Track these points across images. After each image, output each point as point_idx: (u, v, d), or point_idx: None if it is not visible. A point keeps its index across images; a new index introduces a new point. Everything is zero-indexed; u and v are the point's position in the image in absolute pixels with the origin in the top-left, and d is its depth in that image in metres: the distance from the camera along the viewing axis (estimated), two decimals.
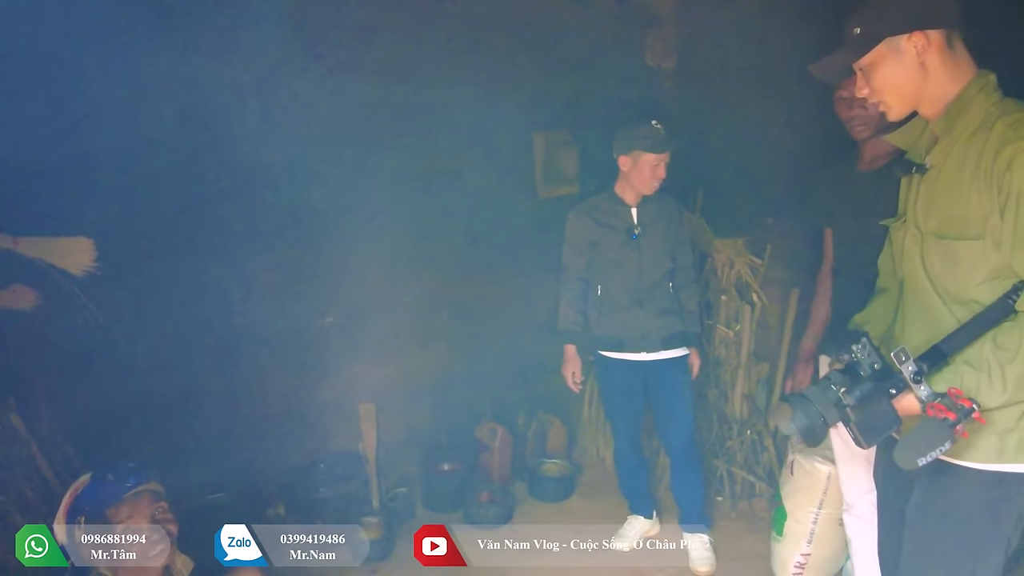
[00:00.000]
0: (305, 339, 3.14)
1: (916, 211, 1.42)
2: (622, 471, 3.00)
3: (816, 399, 1.31)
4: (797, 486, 2.48)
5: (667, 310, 2.70)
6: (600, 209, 2.75)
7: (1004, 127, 1.27)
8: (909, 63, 1.33)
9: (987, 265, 1.29)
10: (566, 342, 2.85)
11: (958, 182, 1.32)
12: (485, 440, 3.47)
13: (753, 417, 3.37)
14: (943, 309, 1.37)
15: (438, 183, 3.42)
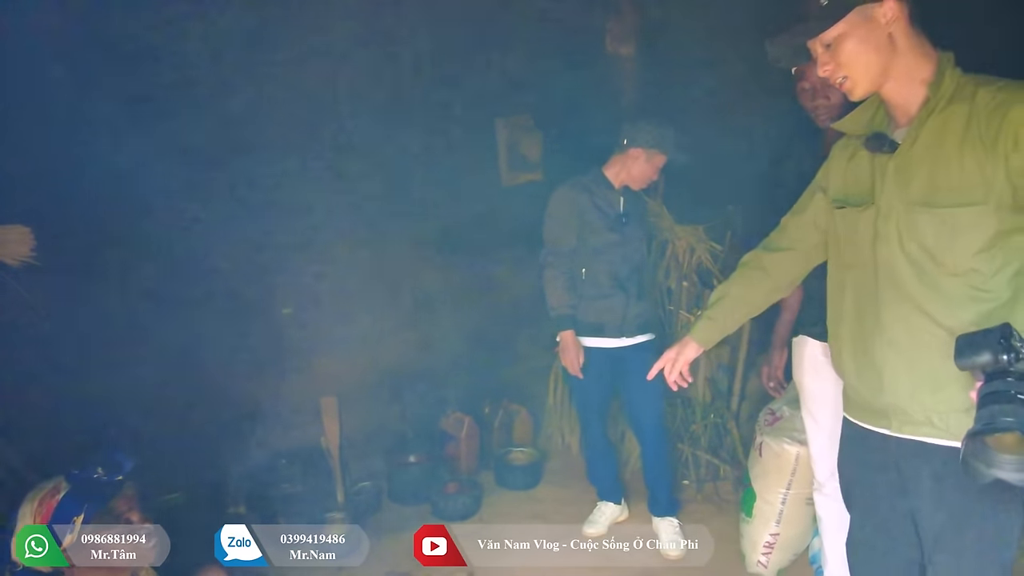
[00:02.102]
0: (263, 332, 3.02)
1: (887, 191, 1.38)
2: (592, 458, 3.00)
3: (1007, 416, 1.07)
4: (766, 468, 2.52)
5: (643, 295, 2.77)
6: (592, 190, 2.70)
7: (989, 93, 1.27)
8: (879, 34, 1.31)
9: (989, 230, 1.27)
10: (560, 328, 2.70)
11: (942, 151, 1.30)
12: (451, 431, 3.43)
13: (716, 401, 3.43)
14: (930, 289, 1.33)
15: (400, 172, 3.34)
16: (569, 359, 2.71)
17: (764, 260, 1.69)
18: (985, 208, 1.26)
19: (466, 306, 3.67)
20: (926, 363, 1.34)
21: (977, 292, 1.29)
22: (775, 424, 2.55)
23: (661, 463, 2.83)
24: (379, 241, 3.33)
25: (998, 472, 1.06)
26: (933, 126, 1.32)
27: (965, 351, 1.14)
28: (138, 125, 2.50)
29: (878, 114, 1.44)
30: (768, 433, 2.54)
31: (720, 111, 3.50)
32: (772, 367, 2.39)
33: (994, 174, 1.25)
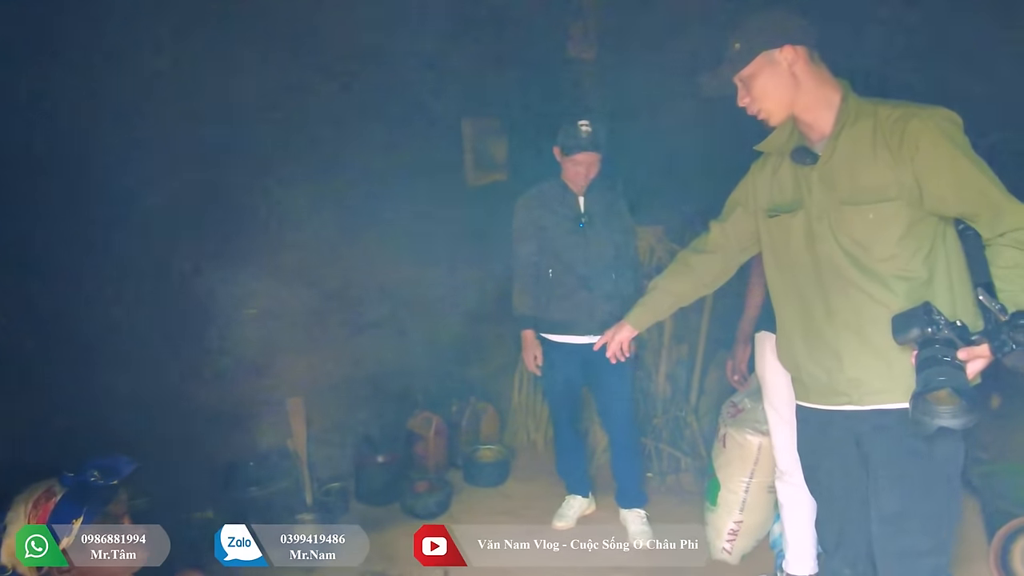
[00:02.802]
0: (228, 332, 2.96)
1: (815, 196, 1.60)
2: (561, 452, 3.06)
3: (940, 376, 1.33)
4: (729, 457, 2.63)
5: (611, 295, 2.78)
6: (547, 197, 2.79)
7: (888, 110, 1.52)
8: (782, 73, 1.55)
9: (903, 221, 1.50)
10: (523, 327, 2.88)
11: (858, 158, 1.54)
12: (419, 430, 3.44)
13: (676, 396, 3.54)
14: (867, 275, 1.53)
15: (365, 170, 3.33)
16: (527, 357, 2.89)
17: (691, 259, 1.94)
18: (899, 203, 1.50)
19: (432, 304, 3.68)
20: (876, 337, 1.53)
21: (902, 272, 1.51)
22: (738, 416, 2.67)
23: (630, 456, 2.92)
24: (346, 240, 3.31)
25: (940, 421, 1.32)
26: (847, 139, 1.56)
27: (898, 329, 1.42)
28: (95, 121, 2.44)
29: (793, 134, 1.66)
30: (731, 425, 2.65)
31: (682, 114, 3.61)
32: (736, 361, 2.51)
33: (902, 174, 1.49)
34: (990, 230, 1.45)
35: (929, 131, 1.46)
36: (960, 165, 1.45)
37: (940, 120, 1.48)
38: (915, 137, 1.47)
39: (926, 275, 1.51)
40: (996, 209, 1.43)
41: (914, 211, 1.50)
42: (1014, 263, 1.42)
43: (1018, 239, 1.41)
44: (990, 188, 1.44)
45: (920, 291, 1.50)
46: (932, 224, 1.52)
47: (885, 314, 1.49)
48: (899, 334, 1.42)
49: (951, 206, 1.48)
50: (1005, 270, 1.42)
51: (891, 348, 1.50)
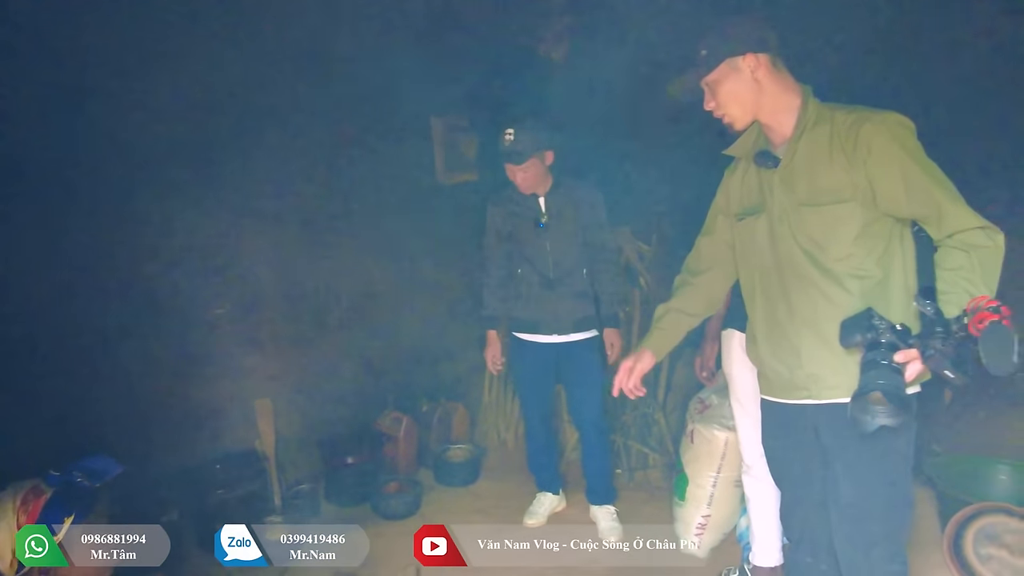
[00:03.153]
0: (196, 332, 2.92)
1: (776, 198, 1.65)
2: (532, 449, 3.08)
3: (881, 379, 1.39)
4: (697, 453, 2.68)
5: (580, 294, 2.79)
6: (511, 199, 2.81)
7: (844, 114, 1.57)
8: (746, 79, 1.61)
9: (858, 221, 1.55)
10: (487, 327, 2.93)
11: (816, 161, 1.59)
12: (388, 431, 3.43)
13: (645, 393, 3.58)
14: (823, 273, 1.59)
15: (334, 168, 3.31)
16: (487, 356, 2.96)
17: (692, 280, 1.92)
18: (854, 204, 1.55)
19: (402, 304, 3.67)
20: (832, 335, 1.57)
21: (857, 271, 1.57)
22: (705, 412, 2.72)
23: (600, 453, 2.95)
24: (315, 239, 3.28)
25: (879, 420, 1.39)
26: (806, 143, 1.62)
27: (843, 335, 1.50)
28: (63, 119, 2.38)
29: (759, 138, 1.72)
30: (699, 420, 2.70)
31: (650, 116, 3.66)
32: (704, 358, 2.55)
33: (856, 176, 1.55)
34: (938, 232, 1.50)
35: (881, 135, 1.51)
36: (909, 168, 1.50)
37: (892, 124, 1.53)
38: (868, 140, 1.52)
39: (880, 275, 1.56)
40: (943, 212, 1.48)
41: (869, 212, 1.55)
42: (958, 265, 1.46)
43: (964, 241, 1.46)
44: (938, 191, 1.48)
45: (875, 290, 1.55)
46: (887, 225, 1.57)
47: (840, 312, 1.54)
48: (843, 339, 1.49)
49: (902, 208, 1.53)
50: (950, 272, 1.46)
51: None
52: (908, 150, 1.51)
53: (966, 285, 1.43)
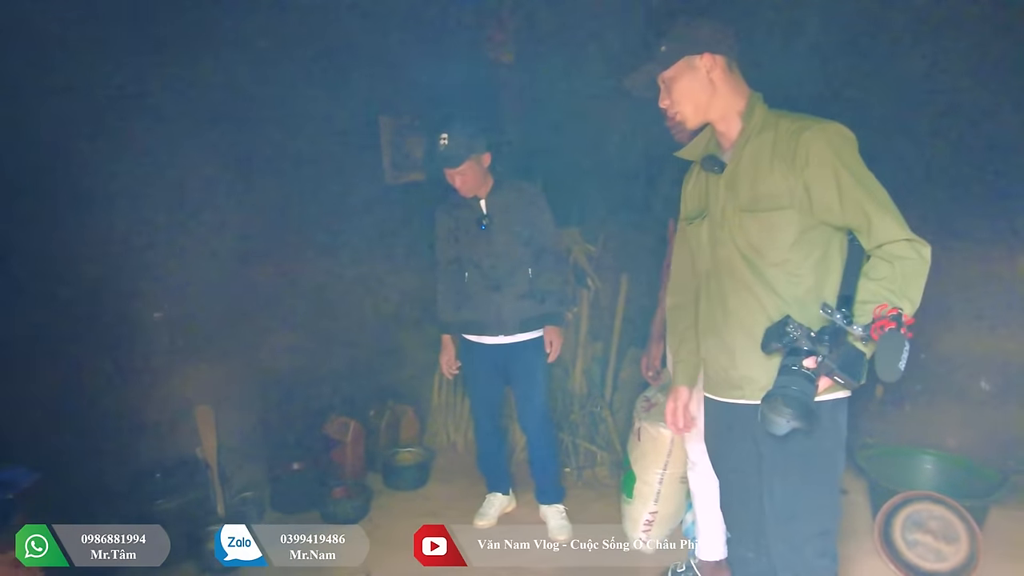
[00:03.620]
0: (132, 337, 2.81)
1: (720, 202, 1.69)
2: (482, 450, 3.09)
3: (793, 385, 1.46)
4: (644, 450, 2.74)
5: (524, 294, 2.80)
6: (454, 202, 2.81)
7: (789, 122, 1.61)
8: (701, 79, 1.64)
9: (795, 228, 1.59)
10: (441, 331, 2.94)
11: (759, 168, 1.63)
12: (335, 435, 3.38)
13: (592, 392, 3.64)
14: (757, 279, 1.64)
15: (279, 167, 3.23)
16: (442, 360, 2.97)
17: (682, 299, 1.93)
18: (791, 211, 1.59)
19: (349, 306, 3.62)
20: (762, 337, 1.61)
21: (791, 277, 1.61)
22: (651, 410, 2.78)
23: (547, 453, 2.98)
24: (258, 239, 3.20)
25: (789, 421, 1.46)
26: (751, 149, 1.65)
27: (764, 340, 1.56)
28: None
29: (711, 142, 1.77)
30: (645, 419, 2.76)
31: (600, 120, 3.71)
32: (650, 357, 2.60)
33: (795, 184, 1.59)
34: (868, 242, 1.55)
35: (819, 144, 1.55)
36: (843, 178, 1.53)
37: (831, 134, 1.56)
38: (806, 149, 1.56)
39: (813, 281, 1.60)
40: (873, 223, 1.52)
41: (805, 219, 1.59)
42: (882, 276, 1.50)
43: (891, 252, 1.50)
44: (869, 203, 1.52)
45: (808, 296, 1.59)
46: (825, 233, 1.61)
47: (772, 317, 1.60)
48: (764, 346, 1.55)
49: (836, 216, 1.57)
50: (874, 282, 1.51)
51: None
52: (844, 160, 1.54)
53: (887, 295, 1.48)
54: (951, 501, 2.50)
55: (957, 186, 3.03)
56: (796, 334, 1.49)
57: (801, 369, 1.46)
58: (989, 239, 3.02)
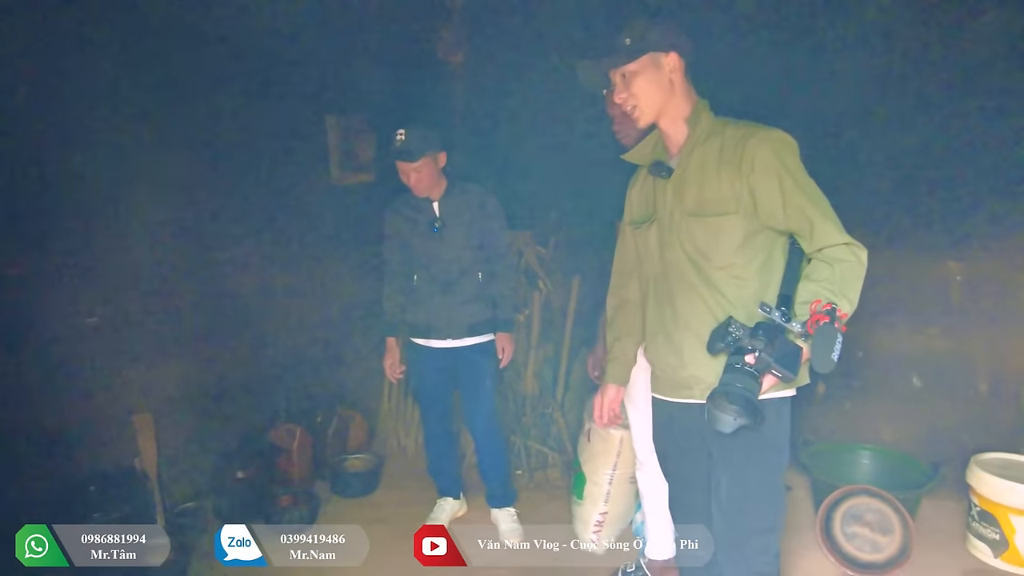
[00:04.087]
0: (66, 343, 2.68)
1: (668, 207, 1.72)
2: (431, 455, 3.06)
3: (737, 382, 1.49)
4: (594, 451, 2.76)
5: (474, 298, 2.79)
6: (407, 204, 2.78)
7: (735, 129, 1.65)
8: (662, 77, 1.67)
9: (740, 233, 1.63)
10: (386, 334, 2.91)
11: (705, 173, 1.66)
12: (281, 443, 3.30)
13: (544, 393, 3.65)
14: (704, 282, 1.67)
15: (221, 166, 3.14)
16: (386, 363, 2.95)
17: (625, 301, 1.97)
18: (736, 216, 1.63)
19: (294, 309, 3.54)
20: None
21: (737, 280, 1.65)
22: None
23: (495, 457, 2.97)
24: (200, 241, 3.10)
25: (736, 419, 1.49)
26: (698, 155, 1.69)
27: (709, 341, 1.60)
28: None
29: (658, 147, 1.80)
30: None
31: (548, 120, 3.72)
32: (597, 358, 2.62)
33: (740, 190, 1.62)
34: (809, 246, 1.59)
35: (763, 151, 1.59)
36: (786, 184, 1.58)
37: (775, 141, 1.61)
38: (751, 156, 1.60)
39: (758, 284, 1.64)
40: (814, 227, 1.56)
41: (751, 224, 1.63)
42: (823, 277, 1.54)
43: (830, 255, 1.55)
44: (811, 208, 1.56)
45: (752, 299, 1.62)
46: (770, 237, 1.65)
47: (718, 318, 1.63)
48: (709, 347, 1.59)
49: (780, 221, 1.61)
50: (814, 283, 1.55)
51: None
52: (787, 166, 1.59)
53: (827, 295, 1.52)
54: (886, 494, 2.60)
55: (889, 192, 3.16)
56: (738, 334, 1.53)
57: (744, 367, 1.50)
58: (919, 245, 3.15)
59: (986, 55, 2.92)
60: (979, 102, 2.95)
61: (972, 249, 3.08)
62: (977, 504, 2.68)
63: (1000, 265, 3.04)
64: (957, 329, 3.16)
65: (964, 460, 2.79)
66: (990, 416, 3.10)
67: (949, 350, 3.19)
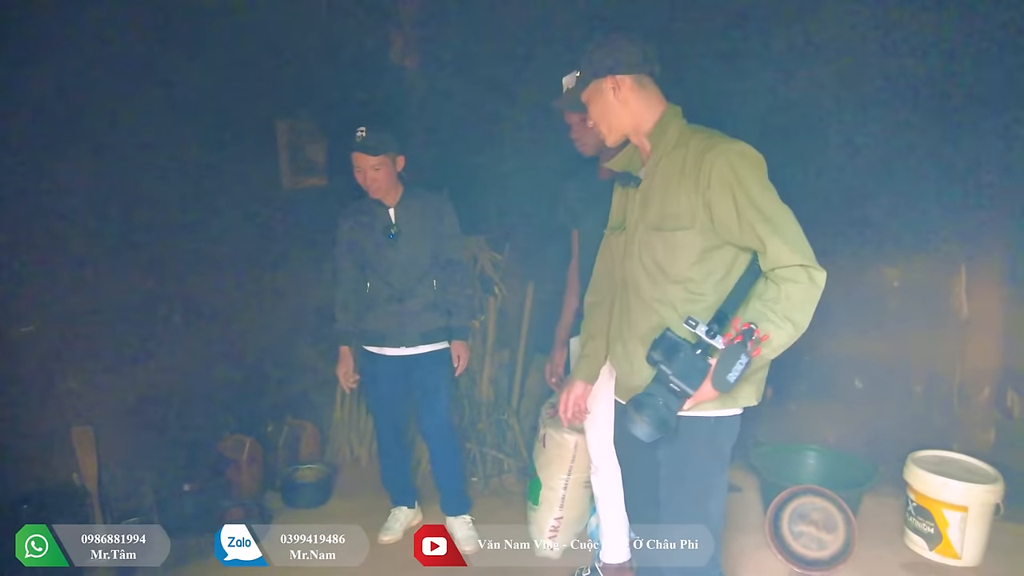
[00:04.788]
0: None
1: (634, 218, 1.74)
2: (385, 464, 3.03)
3: (658, 394, 1.52)
4: (549, 457, 2.77)
5: (429, 306, 2.76)
6: (362, 210, 2.75)
7: (699, 141, 1.63)
8: (610, 99, 1.70)
9: (697, 248, 1.63)
10: (339, 343, 2.85)
11: (668, 186, 1.66)
12: (230, 454, 3.22)
13: (499, 399, 3.66)
14: (658, 295, 1.69)
15: (168, 170, 3.05)
16: (339, 372, 2.88)
17: (600, 301, 1.98)
18: (693, 231, 1.62)
19: (244, 317, 3.45)
20: None
21: (692, 295, 1.65)
22: (556, 416, 2.81)
23: (449, 465, 2.95)
24: (145, 247, 2.99)
25: (636, 430, 1.54)
26: (663, 167, 1.69)
27: (647, 353, 1.60)
28: None
29: (635, 155, 1.81)
30: (550, 425, 2.80)
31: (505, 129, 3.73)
32: (554, 364, 2.63)
33: (697, 204, 1.61)
34: (763, 263, 1.57)
35: (719, 164, 1.57)
36: (739, 200, 1.55)
37: (732, 155, 1.57)
38: (708, 169, 1.58)
39: (715, 299, 1.63)
40: (767, 246, 1.53)
41: (708, 239, 1.61)
42: (771, 298, 1.53)
43: (780, 275, 1.53)
44: (761, 225, 1.53)
45: (707, 313, 1.62)
46: (729, 252, 1.64)
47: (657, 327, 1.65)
48: (647, 358, 1.60)
49: (736, 237, 1.59)
50: (761, 303, 1.54)
51: None
52: (743, 181, 1.55)
53: (769, 316, 1.51)
54: (830, 493, 2.69)
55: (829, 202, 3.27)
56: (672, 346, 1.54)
57: (670, 382, 1.53)
58: (858, 253, 3.27)
59: (913, 64, 3.03)
60: (911, 114, 3.08)
61: (907, 257, 3.22)
62: (913, 500, 2.80)
63: (933, 272, 3.19)
64: (894, 334, 3.30)
65: (902, 458, 2.91)
66: (925, 416, 3.24)
67: (887, 354, 3.32)
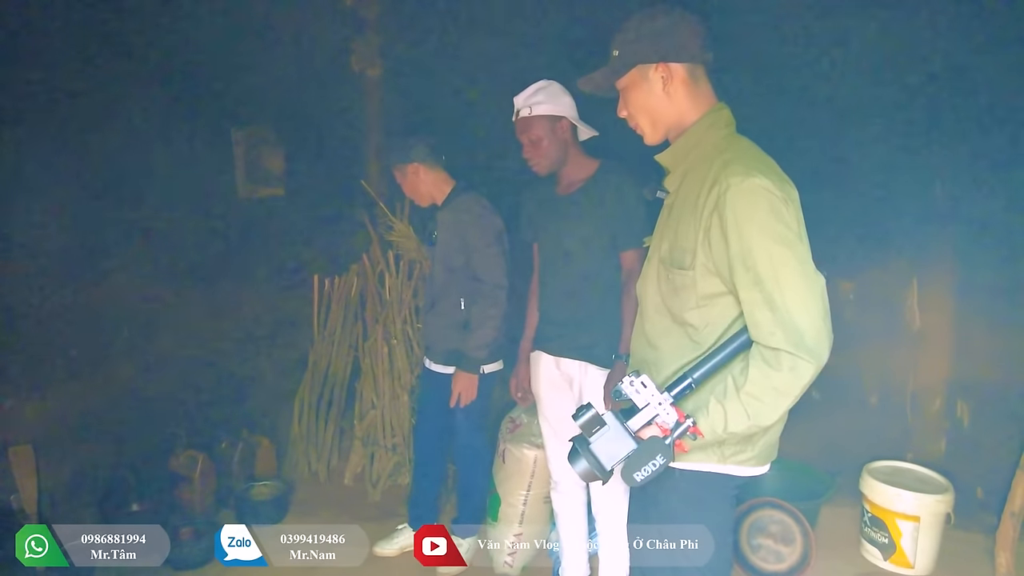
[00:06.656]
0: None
1: (658, 235, 1.51)
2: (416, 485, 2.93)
3: (609, 437, 1.30)
4: (509, 472, 2.74)
5: (452, 324, 2.60)
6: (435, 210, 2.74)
7: (721, 164, 1.34)
8: (656, 91, 1.42)
9: (696, 293, 1.37)
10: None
11: (683, 211, 1.40)
12: (182, 471, 3.12)
13: None
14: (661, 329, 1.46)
15: (117, 180, 2.95)
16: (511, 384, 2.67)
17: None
18: (692, 273, 1.36)
19: (196, 329, 3.36)
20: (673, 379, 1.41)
21: (693, 343, 1.40)
22: (515, 431, 2.79)
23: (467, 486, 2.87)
24: (92, 257, 2.89)
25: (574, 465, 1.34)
26: (688, 183, 1.42)
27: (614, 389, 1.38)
28: None
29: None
30: (510, 440, 2.77)
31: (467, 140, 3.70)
32: (519, 379, 2.58)
33: (697, 243, 1.35)
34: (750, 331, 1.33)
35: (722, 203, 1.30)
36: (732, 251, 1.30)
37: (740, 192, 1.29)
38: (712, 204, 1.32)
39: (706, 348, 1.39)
40: (750, 313, 1.30)
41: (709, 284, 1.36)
42: (750, 379, 1.31)
43: (756, 354, 1.31)
44: (751, 290, 1.29)
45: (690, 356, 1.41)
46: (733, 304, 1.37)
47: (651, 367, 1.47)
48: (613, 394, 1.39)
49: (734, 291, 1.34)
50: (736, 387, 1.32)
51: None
52: (742, 230, 1.28)
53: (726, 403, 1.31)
54: (787, 505, 2.71)
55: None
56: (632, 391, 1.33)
57: (623, 425, 1.32)
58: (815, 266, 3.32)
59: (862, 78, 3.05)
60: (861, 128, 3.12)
61: (861, 270, 3.28)
62: (868, 510, 2.83)
63: (886, 285, 3.25)
64: (849, 345, 3.34)
65: (859, 468, 2.95)
66: (880, 426, 3.30)
67: (842, 365, 3.36)
